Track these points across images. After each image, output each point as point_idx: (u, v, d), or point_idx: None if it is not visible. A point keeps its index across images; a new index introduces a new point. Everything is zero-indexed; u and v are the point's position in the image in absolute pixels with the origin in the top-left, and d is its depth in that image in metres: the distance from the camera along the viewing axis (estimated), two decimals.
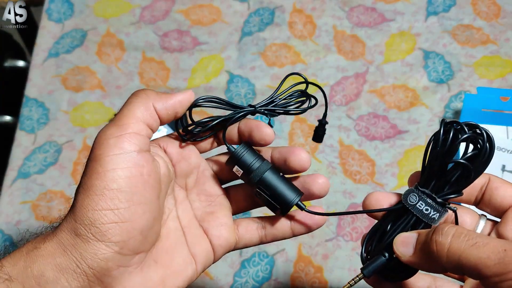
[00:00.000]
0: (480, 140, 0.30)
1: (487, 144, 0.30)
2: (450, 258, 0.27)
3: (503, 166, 0.57)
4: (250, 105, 0.36)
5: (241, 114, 0.35)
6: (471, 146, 0.31)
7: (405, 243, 0.31)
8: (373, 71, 0.68)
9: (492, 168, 0.51)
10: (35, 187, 0.63)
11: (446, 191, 0.31)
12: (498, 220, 0.33)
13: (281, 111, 0.37)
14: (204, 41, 0.72)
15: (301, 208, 0.35)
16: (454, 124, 0.31)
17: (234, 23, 0.73)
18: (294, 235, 0.37)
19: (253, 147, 0.36)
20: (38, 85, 0.70)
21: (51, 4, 0.76)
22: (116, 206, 0.29)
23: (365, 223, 0.58)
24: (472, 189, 0.33)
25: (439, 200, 0.31)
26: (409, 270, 0.32)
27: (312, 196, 0.36)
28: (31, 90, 0.69)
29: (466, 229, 0.28)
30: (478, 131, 0.30)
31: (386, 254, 0.32)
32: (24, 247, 0.30)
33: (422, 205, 0.32)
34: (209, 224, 0.36)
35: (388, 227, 0.33)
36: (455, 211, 0.32)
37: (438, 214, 0.32)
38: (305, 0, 0.74)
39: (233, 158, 0.35)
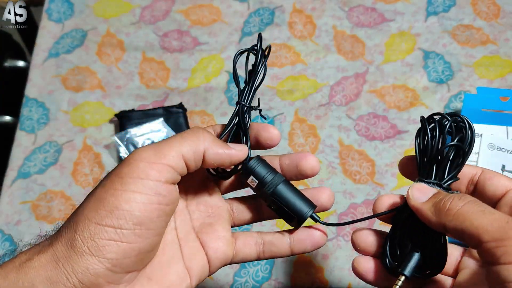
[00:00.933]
0: (462, 126, 0.33)
1: (469, 130, 0.33)
2: (455, 217, 0.29)
3: (503, 166, 0.57)
4: (237, 103, 0.36)
5: (247, 122, 0.36)
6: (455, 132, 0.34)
7: (421, 191, 0.32)
8: (373, 71, 0.68)
9: (492, 168, 0.51)
10: (35, 187, 0.63)
11: (446, 178, 0.33)
12: None
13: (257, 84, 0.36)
14: (204, 41, 0.72)
15: (315, 220, 0.36)
16: (435, 117, 0.34)
17: (234, 23, 0.73)
18: (293, 253, 0.36)
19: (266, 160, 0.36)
20: (38, 85, 0.70)
21: (51, 4, 0.76)
22: (120, 226, 0.29)
23: (365, 223, 0.58)
24: (463, 178, 0.34)
25: (445, 186, 0.33)
26: (440, 261, 0.32)
27: (319, 208, 0.37)
28: (31, 90, 0.69)
29: (481, 201, 0.30)
30: (458, 118, 0.33)
31: (419, 250, 0.33)
32: (17, 258, 0.30)
33: None
34: (207, 236, 0.35)
35: (407, 226, 0.33)
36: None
37: None
38: (305, 0, 0.74)
39: (248, 170, 0.35)
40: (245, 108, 0.36)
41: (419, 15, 0.71)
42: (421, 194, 0.32)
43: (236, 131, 0.36)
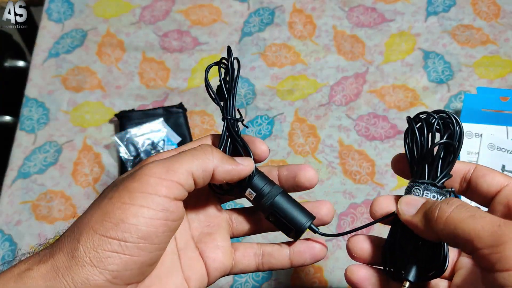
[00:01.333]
0: (449, 122, 0.33)
1: (457, 126, 0.32)
2: (446, 225, 0.28)
3: (503, 166, 0.57)
4: (223, 119, 0.36)
5: (237, 133, 0.36)
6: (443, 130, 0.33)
7: (410, 204, 0.32)
8: (373, 71, 0.68)
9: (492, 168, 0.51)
10: (35, 187, 0.63)
11: (440, 176, 0.33)
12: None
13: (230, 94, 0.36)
14: (204, 41, 0.72)
15: (314, 231, 0.35)
16: (421, 116, 0.34)
17: (234, 23, 0.73)
18: (292, 266, 0.36)
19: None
20: (38, 85, 0.70)
21: (51, 4, 0.76)
22: (125, 239, 0.29)
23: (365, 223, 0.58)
24: (456, 176, 0.34)
25: (439, 184, 0.33)
26: (442, 261, 0.32)
27: (319, 222, 0.36)
28: (31, 90, 0.69)
29: (469, 204, 0.29)
30: (444, 115, 0.33)
31: (419, 252, 0.32)
32: (16, 268, 0.29)
33: (428, 194, 0.33)
34: (206, 246, 0.35)
35: (406, 229, 0.33)
36: (453, 191, 0.33)
37: (443, 198, 0.33)
38: (305, 0, 0.74)
39: (245, 182, 0.35)
40: (233, 121, 0.36)
41: (419, 15, 0.71)
42: (410, 207, 0.32)
43: (230, 144, 0.36)
